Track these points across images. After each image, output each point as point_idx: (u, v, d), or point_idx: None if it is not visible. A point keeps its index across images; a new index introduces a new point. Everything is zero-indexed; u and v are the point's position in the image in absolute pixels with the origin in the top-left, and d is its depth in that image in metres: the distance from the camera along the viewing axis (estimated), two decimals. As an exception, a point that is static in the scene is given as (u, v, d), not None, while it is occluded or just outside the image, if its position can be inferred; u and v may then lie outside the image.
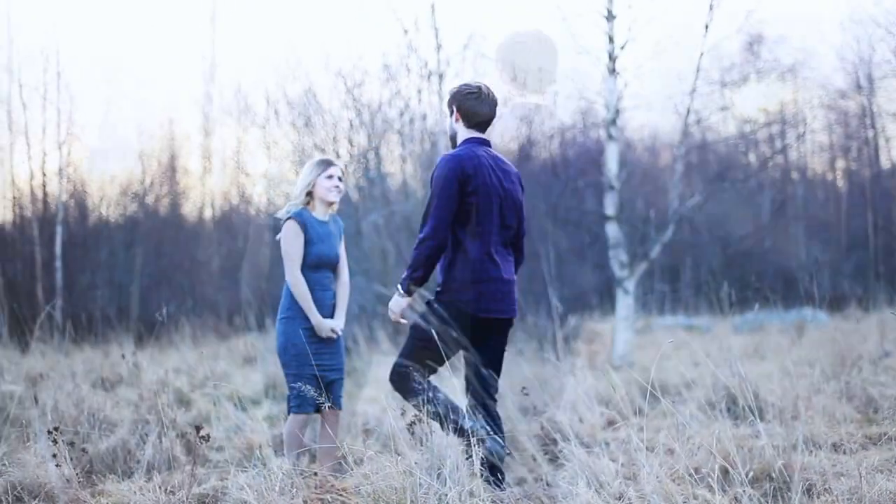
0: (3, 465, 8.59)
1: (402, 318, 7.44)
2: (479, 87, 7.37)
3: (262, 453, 9.09)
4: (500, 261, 7.18)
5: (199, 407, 12.31)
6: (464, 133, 7.32)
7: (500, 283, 7.17)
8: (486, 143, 7.37)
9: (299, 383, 7.73)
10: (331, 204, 8.35)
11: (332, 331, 8.03)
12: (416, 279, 7.21)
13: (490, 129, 7.38)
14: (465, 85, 7.44)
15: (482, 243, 7.11)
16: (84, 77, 53.09)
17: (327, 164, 8.26)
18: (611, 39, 16.38)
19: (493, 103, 7.36)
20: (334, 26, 43.17)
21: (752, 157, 29.07)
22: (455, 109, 7.33)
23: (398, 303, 7.35)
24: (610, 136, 16.37)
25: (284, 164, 27.26)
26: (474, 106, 7.27)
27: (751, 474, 7.00)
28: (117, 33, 54.31)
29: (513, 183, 7.28)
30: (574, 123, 21.03)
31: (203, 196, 45.43)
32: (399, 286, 7.29)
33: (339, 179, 8.26)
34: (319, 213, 8.33)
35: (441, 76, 19.97)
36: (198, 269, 38.40)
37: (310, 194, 8.29)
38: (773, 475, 7.29)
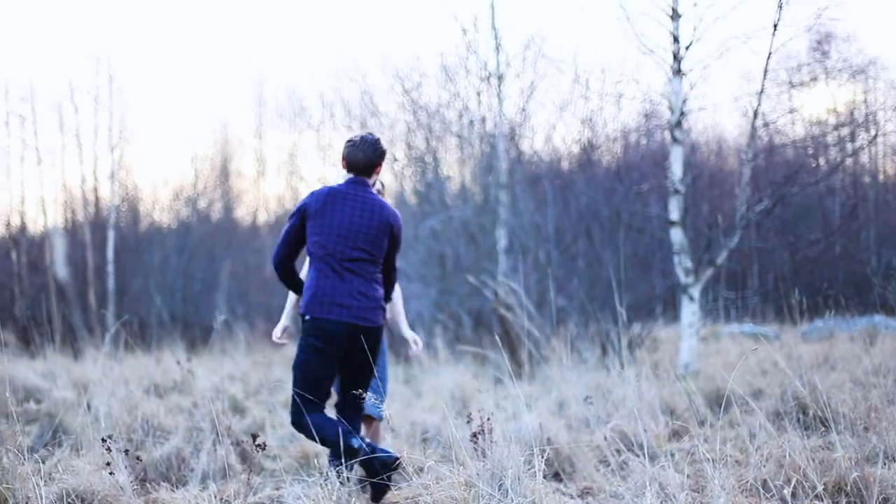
0: (57, 472, 8.65)
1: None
2: (359, 138, 8.30)
3: (318, 462, 9.13)
4: (338, 277, 7.91)
5: (254, 414, 12.36)
6: (344, 176, 8.31)
7: (336, 295, 7.85)
8: (363, 183, 8.26)
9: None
10: None
11: None
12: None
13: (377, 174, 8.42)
14: (350, 138, 8.39)
15: (317, 263, 7.93)
16: (136, 80, 53.50)
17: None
18: (676, 39, 16.31)
19: (369, 151, 8.22)
20: (391, 27, 43.28)
21: (821, 161, 28.87)
22: (341, 157, 8.30)
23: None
24: (675, 139, 16.30)
25: (339, 167, 27.36)
26: (351, 153, 8.20)
27: (823, 487, 6.95)
28: (170, 36, 54.66)
29: (370, 218, 8.09)
30: (638, 126, 20.97)
31: (256, 200, 45.61)
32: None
33: None
34: None
35: (501, 78, 19.96)
36: (251, 274, 38.53)
37: None
38: (847, 488, 7.21)
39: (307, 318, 7.80)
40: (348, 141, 8.29)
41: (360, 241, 7.91)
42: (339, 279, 7.79)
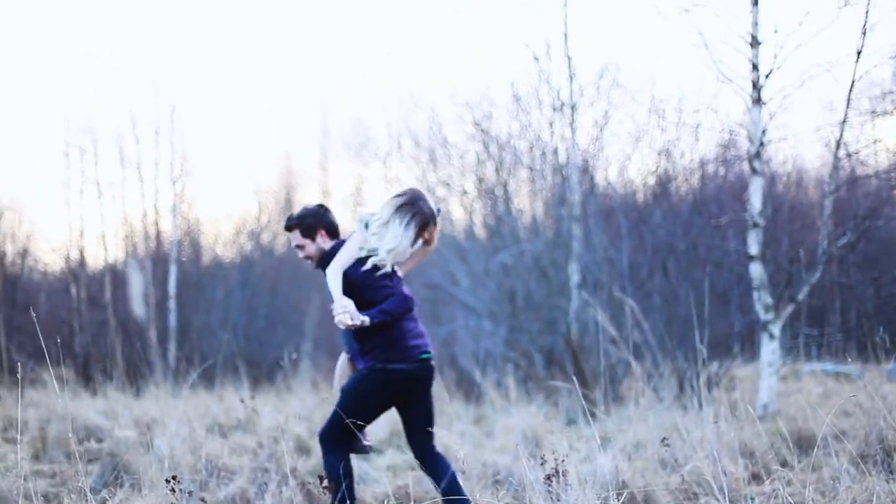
0: (119, 513, 8.74)
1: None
2: (321, 205, 8.66)
3: (387, 504, 9.17)
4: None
5: (320, 455, 12.41)
6: (329, 244, 8.37)
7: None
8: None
9: None
10: None
11: None
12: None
13: None
14: (313, 208, 8.59)
15: None
16: (198, 111, 53.91)
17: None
18: (755, 67, 16.27)
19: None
20: (461, 55, 43.38)
21: (907, 193, 28.61)
22: (321, 231, 8.41)
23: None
24: (754, 170, 16.25)
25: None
26: (333, 218, 8.51)
27: (908, 533, 6.91)
28: (231, 66, 55.03)
29: None
30: (716, 157, 20.90)
31: (322, 234, 45.80)
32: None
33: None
34: None
35: (574, 107, 19.97)
36: (316, 310, 38.63)
37: None
38: (934, 535, 7.16)
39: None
40: (321, 211, 8.54)
41: None
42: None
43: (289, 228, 8.43)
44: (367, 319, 7.55)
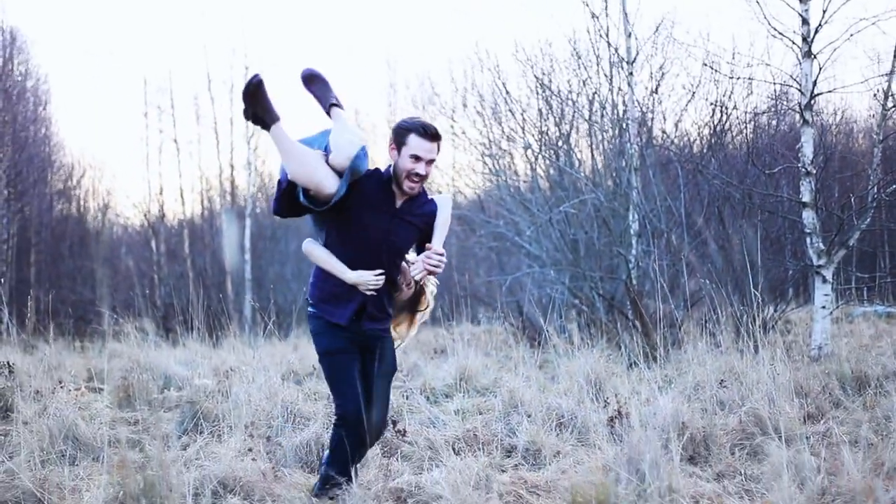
0: (199, 458, 8.83)
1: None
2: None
3: (455, 448, 9.22)
4: None
5: (391, 400, 12.48)
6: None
7: None
8: None
9: None
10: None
11: None
12: None
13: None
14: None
15: None
16: (271, 69, 54.02)
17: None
18: (805, 21, 16.14)
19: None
20: (523, 13, 43.22)
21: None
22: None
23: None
24: (805, 121, 16.13)
25: (471, 153, 27.34)
26: None
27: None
28: (303, 26, 55.06)
29: None
30: (769, 108, 20.75)
31: (390, 187, 45.79)
32: None
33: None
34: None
35: (631, 62, 19.87)
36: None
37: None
38: None
39: None
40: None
41: None
42: None
43: (438, 138, 7.04)
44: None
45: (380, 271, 7.00)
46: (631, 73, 19.83)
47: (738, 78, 18.25)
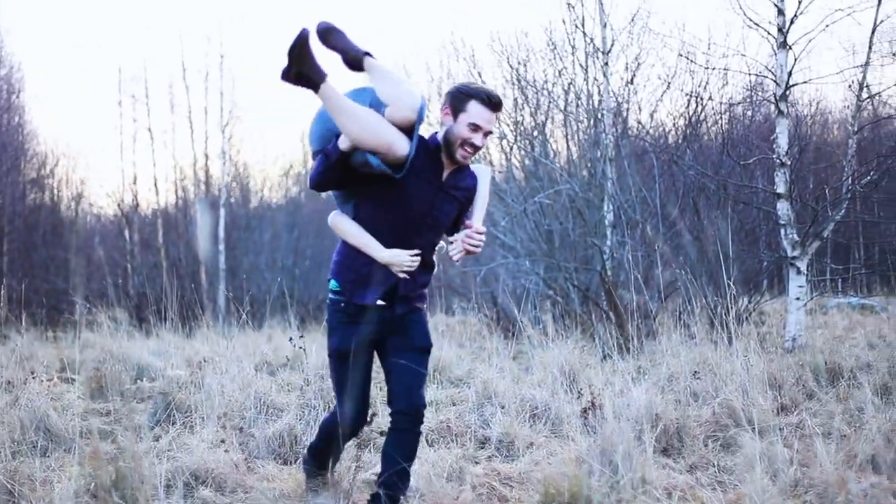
0: (171, 450, 8.82)
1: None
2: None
3: (429, 439, 9.23)
4: None
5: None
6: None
7: None
8: None
9: None
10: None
11: None
12: None
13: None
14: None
15: None
16: (246, 58, 53.95)
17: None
18: (780, 12, 16.17)
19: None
20: (500, 2, 43.25)
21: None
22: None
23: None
24: (780, 112, 16.16)
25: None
26: None
27: (932, 462, 6.91)
28: (277, 14, 54.99)
29: None
30: (744, 99, 20.81)
31: (366, 176, 45.77)
32: None
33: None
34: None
35: (607, 52, 19.89)
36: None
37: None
38: (957, 463, 7.16)
39: None
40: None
41: None
42: None
43: (500, 108, 6.50)
44: None
45: (416, 251, 6.44)
46: (606, 64, 19.84)
47: (714, 68, 18.32)
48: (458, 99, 6.43)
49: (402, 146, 6.11)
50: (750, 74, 17.93)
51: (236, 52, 49.26)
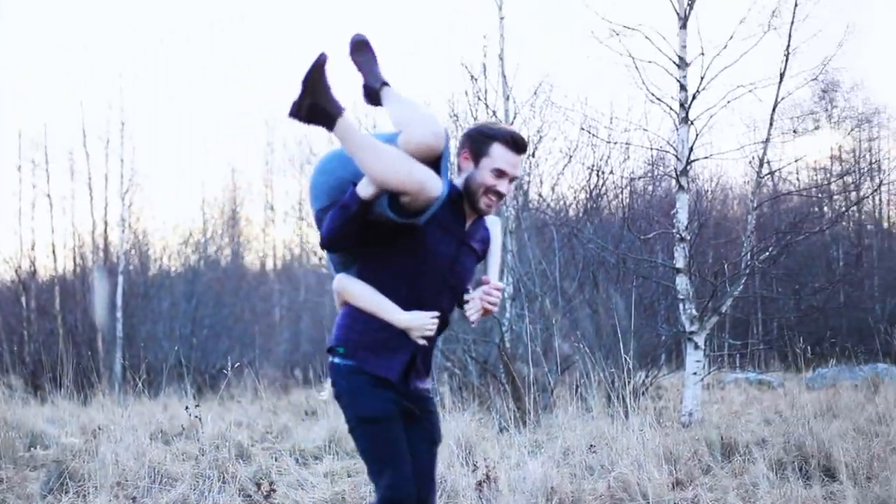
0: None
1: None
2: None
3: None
4: None
5: (260, 461, 12.26)
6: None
7: None
8: None
9: None
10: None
11: None
12: None
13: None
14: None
15: None
16: (147, 126, 53.72)
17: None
18: (683, 87, 16.31)
19: None
20: (400, 71, 43.41)
21: (826, 209, 28.89)
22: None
23: None
24: (681, 187, 16.27)
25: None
26: None
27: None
28: (180, 83, 54.83)
29: None
30: (645, 173, 20.98)
31: (265, 246, 45.60)
32: None
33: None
34: None
35: (510, 124, 19.97)
36: (259, 321, 38.56)
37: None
38: (848, 539, 7.15)
39: None
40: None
41: None
42: None
43: (526, 150, 5.64)
44: None
45: (435, 313, 5.50)
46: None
47: (616, 143, 18.45)
48: (479, 142, 5.56)
49: (434, 185, 5.20)
50: (651, 149, 18.13)
51: (137, 118, 48.98)
